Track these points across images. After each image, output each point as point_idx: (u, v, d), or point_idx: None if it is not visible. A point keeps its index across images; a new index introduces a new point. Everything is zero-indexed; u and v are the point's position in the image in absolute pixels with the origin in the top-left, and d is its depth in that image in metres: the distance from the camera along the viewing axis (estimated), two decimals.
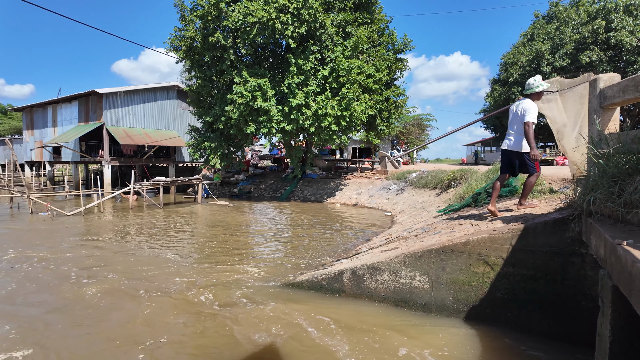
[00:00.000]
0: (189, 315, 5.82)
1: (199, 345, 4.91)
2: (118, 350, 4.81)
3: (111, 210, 18.28)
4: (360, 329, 5.24)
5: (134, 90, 24.98)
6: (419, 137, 42.64)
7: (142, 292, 6.75)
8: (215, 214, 16.60)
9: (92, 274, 7.79)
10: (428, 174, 17.35)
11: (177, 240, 11.28)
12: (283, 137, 20.03)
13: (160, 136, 25.36)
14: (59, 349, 4.84)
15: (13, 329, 5.37)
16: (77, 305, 6.19)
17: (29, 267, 8.29)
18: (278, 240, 11.37)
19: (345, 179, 23.18)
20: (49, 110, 28.54)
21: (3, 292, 6.79)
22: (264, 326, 5.38)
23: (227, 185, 26.34)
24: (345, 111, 17.36)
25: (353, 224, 13.84)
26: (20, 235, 11.98)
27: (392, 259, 5.85)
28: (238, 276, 7.58)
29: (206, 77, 20.19)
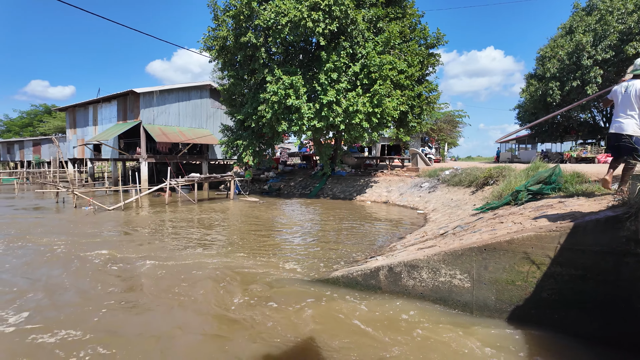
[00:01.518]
0: (227, 306, 5.96)
1: (237, 336, 5.03)
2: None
3: (148, 206, 18.99)
4: (399, 326, 5.19)
5: (169, 89, 25.78)
6: (450, 133, 41.65)
7: (185, 284, 6.97)
8: (247, 210, 16.91)
9: (134, 264, 8.14)
10: (462, 171, 16.91)
11: (212, 234, 11.58)
12: (313, 135, 20.09)
13: (194, 134, 26.07)
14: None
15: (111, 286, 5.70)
16: (120, 297, 6.48)
17: (94, 257, 8.75)
18: (309, 237, 11.43)
19: (375, 176, 23.00)
20: (90, 110, 29.96)
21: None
22: (302, 321, 5.43)
23: (257, 182, 26.76)
24: (377, 107, 17.19)
25: (384, 221, 13.71)
26: (68, 226, 12.66)
27: (431, 257, 5.75)
28: (273, 271, 7.68)
29: (238, 76, 20.54)
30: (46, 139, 42.97)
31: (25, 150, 45.48)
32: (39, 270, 7.88)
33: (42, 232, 11.77)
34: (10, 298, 6.29)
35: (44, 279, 7.29)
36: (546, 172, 8.71)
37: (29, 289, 6.73)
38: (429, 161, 23.38)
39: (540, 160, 12.16)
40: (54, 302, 6.19)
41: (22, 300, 6.21)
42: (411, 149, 24.55)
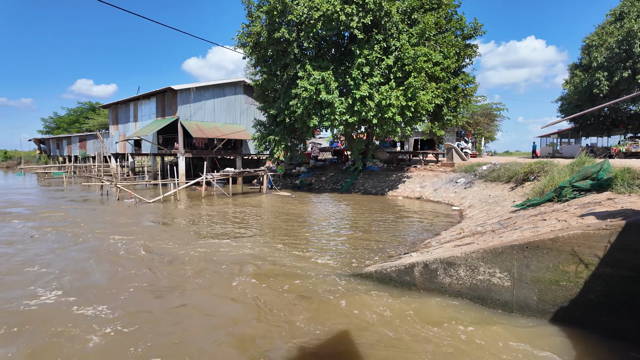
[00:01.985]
0: (263, 297, 6.10)
1: (267, 326, 5.13)
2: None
3: (186, 199, 19.67)
4: (436, 324, 5.10)
5: (205, 86, 26.47)
6: (487, 127, 40.15)
7: (226, 275, 7.19)
8: (279, 204, 17.14)
9: (172, 253, 8.48)
10: (500, 166, 16.31)
11: (246, 227, 11.84)
12: (345, 130, 19.99)
13: (228, 130, 26.68)
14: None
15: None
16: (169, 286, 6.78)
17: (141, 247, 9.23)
18: (341, 231, 11.44)
19: (407, 171, 22.62)
20: (130, 107, 31.33)
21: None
22: (334, 314, 5.46)
23: (289, 176, 27.04)
24: (411, 101, 16.85)
25: (418, 217, 13.49)
26: (111, 217, 13.35)
27: (469, 254, 5.60)
28: (305, 264, 7.76)
29: (271, 71, 20.75)
30: (91, 135, 45.39)
31: (73, 145, 48.30)
32: (83, 255, 8.37)
33: (89, 222, 12.48)
34: (55, 277, 6.74)
35: (92, 263, 7.75)
36: (593, 168, 8.25)
37: (77, 270, 7.18)
38: (464, 156, 22.67)
39: (586, 155, 11.51)
40: (98, 282, 6.58)
41: (66, 279, 6.66)
42: (446, 143, 23.89)
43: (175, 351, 4.53)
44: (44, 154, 55.80)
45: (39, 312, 5.61)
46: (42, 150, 56.29)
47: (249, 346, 4.67)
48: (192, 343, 4.73)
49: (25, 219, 13.18)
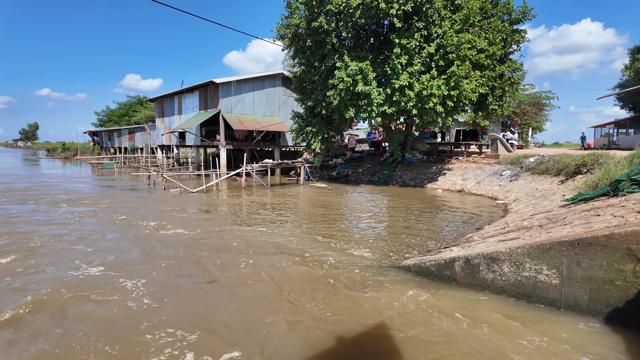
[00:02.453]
0: (303, 288, 6.21)
1: (309, 316, 5.22)
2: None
3: (226, 189, 20.32)
4: (477, 320, 4.97)
5: (245, 79, 26.99)
6: (535, 117, 38.03)
7: (266, 264, 7.40)
8: (316, 196, 17.27)
9: (213, 240, 8.82)
10: (549, 158, 15.44)
11: (283, 217, 12.06)
12: (383, 121, 19.70)
13: (267, 122, 27.12)
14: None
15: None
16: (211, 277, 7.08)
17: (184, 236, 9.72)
18: (377, 223, 11.36)
19: (448, 163, 21.96)
20: (175, 100, 32.62)
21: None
22: (371, 306, 5.46)
23: (326, 168, 27.12)
24: (453, 90, 16.26)
25: (458, 211, 13.10)
26: (159, 205, 14.08)
27: (514, 250, 5.38)
28: (341, 255, 7.80)
29: (309, 63, 20.79)
30: (139, 128, 47.85)
31: (122, 137, 51.19)
32: (127, 236, 8.91)
33: (137, 209, 13.24)
34: (103, 253, 7.23)
35: (135, 245, 8.24)
36: None
37: (120, 249, 7.67)
38: (510, 147, 21.64)
39: None
40: (137, 259, 6.99)
41: (111, 257, 7.10)
42: (490, 134, 22.90)
43: (194, 317, 5.16)
44: (97, 145, 59.62)
45: (86, 280, 6.30)
46: (96, 142, 60.15)
47: (265, 321, 4.79)
48: (210, 312, 5.16)
49: (79, 205, 14.19)
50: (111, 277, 6.60)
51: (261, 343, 4.54)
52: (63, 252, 8.06)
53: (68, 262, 7.35)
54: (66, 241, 8.90)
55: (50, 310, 5.40)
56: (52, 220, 11.18)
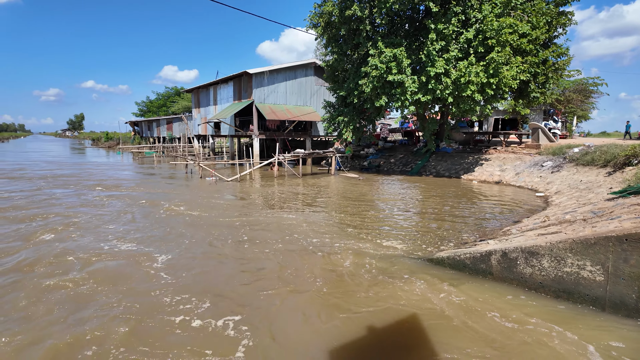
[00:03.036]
0: (332, 278, 6.26)
1: (341, 307, 5.26)
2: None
3: (259, 178, 20.70)
4: (514, 317, 4.83)
5: (277, 69, 27.15)
6: (580, 105, 35.75)
7: (294, 250, 7.52)
8: (347, 186, 17.23)
9: (254, 232, 9.04)
10: (595, 148, 14.54)
11: (317, 207, 12.14)
12: (417, 109, 19.23)
13: (299, 112, 27.23)
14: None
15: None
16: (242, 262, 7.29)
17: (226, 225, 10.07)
18: (410, 215, 11.19)
19: (486, 153, 21.18)
20: (210, 91, 33.39)
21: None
22: (404, 298, 5.42)
23: (357, 158, 26.94)
24: (492, 77, 15.58)
25: (495, 203, 12.65)
26: (197, 193, 14.59)
27: (555, 244, 5.14)
28: (373, 246, 7.77)
29: (342, 51, 20.57)
30: (177, 118, 49.43)
31: (161, 127, 53.09)
32: (166, 219, 9.30)
33: (176, 195, 13.78)
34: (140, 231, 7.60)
35: (172, 227, 8.61)
36: None
37: (158, 227, 8.04)
38: (552, 137, 20.54)
39: None
40: (166, 237, 7.31)
41: (146, 234, 7.45)
42: (531, 123, 21.81)
43: (207, 284, 5.94)
44: (137, 135, 62.23)
45: (119, 253, 7.02)
46: (136, 132, 62.79)
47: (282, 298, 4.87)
48: (221, 282, 5.71)
49: (124, 190, 14.95)
50: (144, 250, 7.44)
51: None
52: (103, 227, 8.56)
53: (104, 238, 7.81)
54: (121, 222, 9.43)
55: (81, 269, 6.53)
56: (102, 204, 11.88)
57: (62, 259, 6.99)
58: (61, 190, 15.23)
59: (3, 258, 7.03)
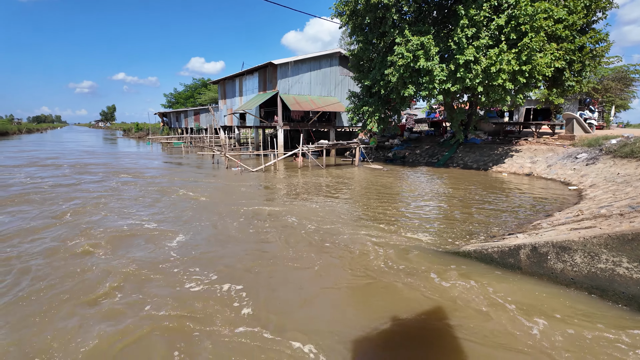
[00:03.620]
0: (355, 267, 6.28)
1: (365, 301, 5.27)
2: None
3: (284, 169, 20.86)
4: (543, 313, 4.70)
5: (302, 59, 27.07)
6: (620, 94, 33.85)
7: (317, 238, 7.57)
8: (371, 177, 17.11)
9: (277, 220, 9.16)
10: (635, 140, 13.79)
11: (340, 198, 12.14)
12: (444, 99, 18.74)
13: (323, 102, 27.13)
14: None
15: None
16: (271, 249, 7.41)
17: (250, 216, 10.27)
18: (436, 207, 11.01)
19: (516, 144, 20.47)
20: (236, 82, 33.74)
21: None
22: (426, 291, 5.37)
23: (381, 149, 26.65)
24: (525, 65, 14.95)
25: (525, 196, 12.26)
26: (222, 182, 14.88)
27: (588, 239, 4.95)
28: (399, 239, 7.70)
29: (367, 40, 20.25)
30: (204, 109, 50.30)
31: (189, 118, 54.22)
32: (192, 205, 9.56)
33: (210, 183, 14.11)
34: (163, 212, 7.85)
35: (194, 211, 8.84)
36: None
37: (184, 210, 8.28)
38: (588, 127, 19.60)
39: None
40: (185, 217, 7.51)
41: (172, 215, 7.68)
42: (565, 112, 20.85)
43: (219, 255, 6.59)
44: (166, 126, 63.86)
45: (143, 230, 7.71)
46: (165, 123, 64.43)
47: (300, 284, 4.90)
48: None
49: (157, 178, 15.45)
50: (163, 229, 8.20)
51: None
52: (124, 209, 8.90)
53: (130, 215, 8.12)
54: (159, 207, 9.79)
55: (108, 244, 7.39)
56: (140, 191, 12.34)
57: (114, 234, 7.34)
58: (101, 178, 15.91)
59: (43, 231, 7.50)
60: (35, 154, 28.19)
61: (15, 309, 4.88)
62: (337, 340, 4.21)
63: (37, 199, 11.39)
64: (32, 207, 10.36)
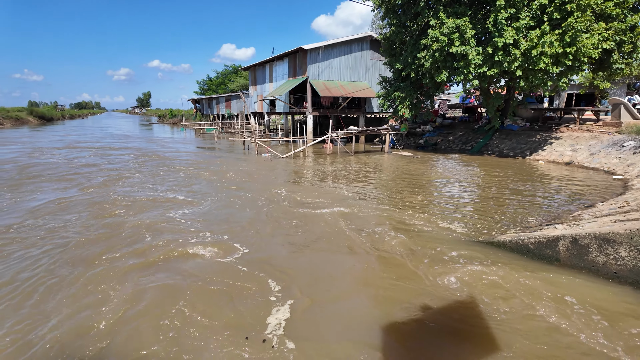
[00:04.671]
0: (384, 256, 6.26)
1: (395, 289, 5.26)
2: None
3: (312, 155, 20.92)
4: (585, 310, 4.52)
5: (332, 44, 26.71)
6: None
7: (343, 225, 7.60)
8: (402, 164, 16.85)
9: (300, 202, 9.25)
10: None
11: (370, 186, 12.07)
12: (480, 84, 18.02)
13: (353, 88, 26.78)
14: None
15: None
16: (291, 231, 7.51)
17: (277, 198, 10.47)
18: (469, 196, 10.73)
19: (556, 131, 19.47)
20: (266, 68, 33.86)
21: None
22: (459, 282, 5.28)
23: (412, 136, 26.11)
24: (569, 47, 14.07)
25: (564, 185, 11.71)
26: (253, 168, 15.15)
27: (636, 232, 4.68)
28: (428, 227, 7.59)
29: (400, 22, 19.68)
30: (235, 95, 50.96)
31: (220, 105, 55.16)
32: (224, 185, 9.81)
33: (240, 171, 14.42)
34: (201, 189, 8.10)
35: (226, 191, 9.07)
36: None
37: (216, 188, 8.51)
38: (637, 114, 18.32)
39: None
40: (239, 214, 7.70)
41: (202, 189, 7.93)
42: (612, 98, 19.57)
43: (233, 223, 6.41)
44: (198, 112, 65.33)
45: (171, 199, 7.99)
46: (197, 109, 65.91)
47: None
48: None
49: (192, 163, 15.93)
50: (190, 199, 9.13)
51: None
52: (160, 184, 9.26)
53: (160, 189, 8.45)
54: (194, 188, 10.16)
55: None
56: (179, 174, 12.82)
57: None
58: (151, 160, 16.60)
59: (79, 198, 8.01)
60: (85, 138, 29.69)
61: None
62: (369, 328, 4.25)
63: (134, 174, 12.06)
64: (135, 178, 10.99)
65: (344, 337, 4.09)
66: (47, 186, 11.40)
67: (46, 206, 9.12)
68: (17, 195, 10.17)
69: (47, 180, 12.28)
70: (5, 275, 5.46)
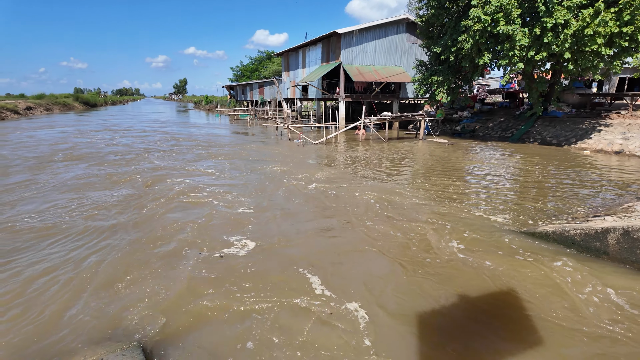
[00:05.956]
0: (421, 245, 6.16)
1: (434, 278, 5.17)
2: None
3: (344, 141, 20.76)
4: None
5: (367, 27, 26.10)
6: None
7: (385, 212, 7.52)
8: (438, 152, 16.41)
9: (333, 189, 9.25)
10: None
11: (404, 173, 11.86)
12: (525, 68, 17.05)
13: (387, 72, 26.16)
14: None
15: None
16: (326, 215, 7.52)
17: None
18: (509, 185, 10.30)
19: (606, 118, 18.21)
20: (299, 54, 33.70)
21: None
22: (501, 273, 5.11)
23: (449, 122, 25.29)
24: (627, 26, 13.00)
25: (613, 175, 10.98)
26: (287, 154, 15.28)
27: None
28: (467, 216, 7.38)
29: (439, 4, 18.89)
30: (268, 82, 51.28)
31: (254, 91, 55.74)
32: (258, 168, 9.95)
33: (279, 155, 14.61)
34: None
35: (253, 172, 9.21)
36: None
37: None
38: None
39: None
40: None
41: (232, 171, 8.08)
42: None
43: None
44: (233, 98, 66.37)
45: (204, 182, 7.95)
46: (232, 96, 66.97)
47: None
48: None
49: (231, 148, 16.29)
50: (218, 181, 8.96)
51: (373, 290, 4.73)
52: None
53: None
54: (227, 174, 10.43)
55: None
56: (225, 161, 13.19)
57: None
58: (192, 144, 17.18)
59: (121, 168, 8.43)
60: (133, 123, 31.00)
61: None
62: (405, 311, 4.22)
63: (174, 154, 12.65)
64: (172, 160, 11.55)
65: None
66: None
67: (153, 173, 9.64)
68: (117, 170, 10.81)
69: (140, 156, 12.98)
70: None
